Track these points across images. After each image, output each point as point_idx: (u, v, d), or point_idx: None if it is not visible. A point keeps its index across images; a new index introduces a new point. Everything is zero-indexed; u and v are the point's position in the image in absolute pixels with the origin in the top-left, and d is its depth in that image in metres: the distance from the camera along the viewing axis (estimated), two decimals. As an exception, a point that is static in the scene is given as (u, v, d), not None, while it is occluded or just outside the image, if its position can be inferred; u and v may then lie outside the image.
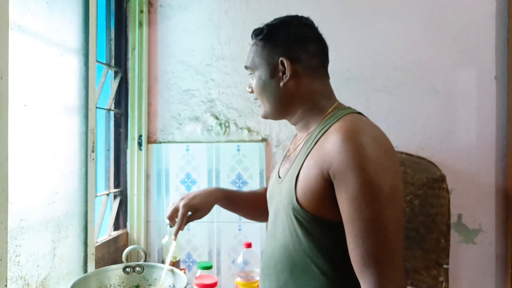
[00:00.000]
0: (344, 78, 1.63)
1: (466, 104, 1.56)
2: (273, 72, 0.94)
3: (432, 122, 1.58)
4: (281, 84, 0.93)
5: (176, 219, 1.09)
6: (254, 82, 0.98)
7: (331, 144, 0.80)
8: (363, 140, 0.77)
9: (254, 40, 0.99)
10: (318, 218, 0.82)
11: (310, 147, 0.86)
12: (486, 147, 1.55)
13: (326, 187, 0.80)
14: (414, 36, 1.59)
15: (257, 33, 0.98)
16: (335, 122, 0.85)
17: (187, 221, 1.10)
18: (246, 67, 1.01)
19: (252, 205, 1.23)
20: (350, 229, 0.76)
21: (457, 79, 1.57)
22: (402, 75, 1.60)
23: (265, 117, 1.00)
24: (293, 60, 0.92)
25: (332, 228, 0.81)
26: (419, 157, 1.57)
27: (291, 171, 0.90)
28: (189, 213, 1.10)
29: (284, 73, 0.92)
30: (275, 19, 0.98)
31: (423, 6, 1.58)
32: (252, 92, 1.01)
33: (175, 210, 1.10)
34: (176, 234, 1.11)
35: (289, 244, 0.87)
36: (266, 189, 1.27)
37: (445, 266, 1.50)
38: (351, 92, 1.62)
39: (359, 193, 0.74)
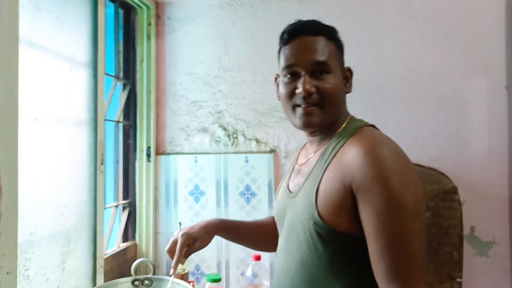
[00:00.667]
0: (353, 89, 1.62)
1: (477, 114, 1.54)
2: (342, 77, 0.92)
3: (443, 132, 1.56)
4: (348, 90, 0.94)
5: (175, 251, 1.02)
6: (330, 83, 0.86)
7: (352, 157, 0.79)
8: (385, 153, 0.77)
9: (319, 37, 0.88)
10: (340, 232, 0.80)
11: (328, 161, 0.85)
12: (498, 158, 1.52)
13: (349, 201, 0.79)
14: (423, 46, 1.58)
15: (327, 30, 0.91)
16: (352, 135, 0.85)
17: (187, 253, 1.03)
18: (322, 63, 0.86)
19: (256, 236, 1.17)
20: (374, 243, 0.75)
21: (467, 89, 1.55)
22: (411, 86, 1.59)
23: (316, 125, 0.89)
24: None
25: (354, 242, 0.80)
26: (430, 168, 1.55)
27: (307, 185, 0.87)
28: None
29: (347, 81, 0.93)
30: (322, 23, 0.93)
31: (432, 15, 1.57)
32: (314, 93, 0.86)
33: (174, 242, 1.03)
34: (175, 267, 1.02)
35: (308, 259, 0.84)
36: (273, 218, 1.18)
37: (458, 279, 1.46)
38: (360, 103, 1.60)
39: (384, 207, 0.74)
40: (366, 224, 0.76)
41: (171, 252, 1.04)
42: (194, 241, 1.04)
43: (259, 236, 1.17)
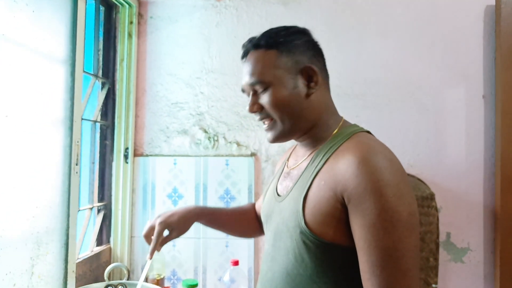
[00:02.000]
0: (335, 94, 1.60)
1: (454, 122, 1.57)
2: (296, 82, 0.85)
3: (422, 139, 1.58)
4: (310, 92, 0.85)
5: (152, 238, 1.01)
6: (269, 96, 0.85)
7: (345, 165, 0.75)
8: (381, 163, 0.73)
9: (259, 50, 0.87)
10: (327, 243, 0.77)
11: (319, 166, 0.82)
12: (475, 166, 1.55)
13: (339, 211, 0.76)
14: (404, 53, 1.60)
15: (266, 41, 0.86)
16: (345, 141, 0.82)
17: (164, 241, 1.02)
18: (253, 84, 0.86)
19: (236, 222, 1.16)
20: (366, 257, 0.72)
21: (446, 97, 1.58)
22: (392, 92, 1.60)
23: (278, 139, 0.89)
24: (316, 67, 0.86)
25: (342, 253, 0.77)
26: (408, 175, 1.57)
27: (295, 190, 0.85)
28: (167, 232, 1.03)
29: (310, 81, 0.86)
30: (275, 28, 0.90)
31: (413, 24, 1.60)
32: (258, 111, 0.88)
33: (151, 228, 1.02)
34: (151, 253, 1.00)
35: (293, 268, 0.82)
36: (253, 204, 1.23)
37: (434, 285, 1.48)
38: (341, 109, 1.59)
39: (377, 220, 0.71)
40: (358, 236, 0.73)
41: (147, 237, 1.03)
42: (171, 230, 1.02)
43: (239, 222, 1.16)
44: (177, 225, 1.02)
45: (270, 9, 1.68)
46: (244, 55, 0.90)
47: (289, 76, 0.85)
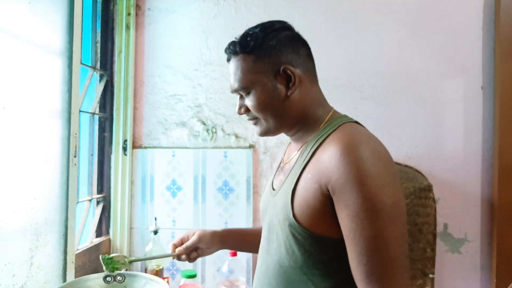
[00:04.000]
0: (333, 86, 1.63)
1: (453, 114, 1.57)
2: (275, 83, 0.86)
3: (419, 131, 1.58)
4: (289, 93, 0.86)
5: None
6: (251, 100, 0.88)
7: (329, 157, 0.76)
8: (363, 154, 0.73)
9: (238, 56, 0.89)
10: (316, 235, 0.78)
11: (306, 159, 0.82)
12: (472, 157, 1.55)
13: (325, 203, 0.76)
14: (402, 45, 1.60)
15: (241, 47, 0.88)
16: (332, 132, 0.81)
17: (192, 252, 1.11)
18: (237, 90, 0.90)
19: (251, 243, 1.16)
20: (352, 247, 0.73)
21: (444, 89, 1.58)
22: (390, 84, 1.60)
23: (266, 134, 0.92)
24: (293, 66, 0.86)
25: (331, 245, 0.78)
26: (406, 166, 1.57)
27: (286, 184, 0.86)
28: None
29: (289, 81, 0.86)
30: (251, 28, 0.89)
31: (411, 15, 1.59)
32: (245, 113, 0.92)
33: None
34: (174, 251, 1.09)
35: (285, 261, 0.83)
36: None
37: (430, 275, 1.49)
38: (340, 100, 1.61)
39: (360, 209, 0.71)
40: (344, 226, 0.74)
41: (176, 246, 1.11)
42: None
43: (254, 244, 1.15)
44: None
45: (269, 0, 1.67)
46: (228, 59, 0.92)
47: (267, 80, 0.86)
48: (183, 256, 1.08)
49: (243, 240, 1.16)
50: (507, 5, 1.50)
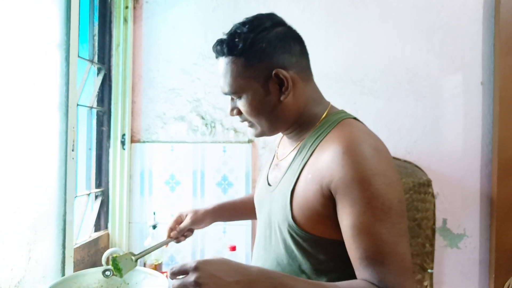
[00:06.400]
0: (332, 81, 1.62)
1: (452, 109, 1.57)
2: (267, 88, 0.82)
3: (419, 126, 1.58)
4: (282, 98, 0.82)
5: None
6: (243, 105, 0.84)
7: (330, 156, 0.74)
8: (367, 152, 0.72)
9: (226, 58, 0.83)
10: (315, 237, 0.77)
11: (306, 158, 0.80)
12: (472, 152, 1.55)
13: (325, 205, 0.75)
14: (402, 40, 1.59)
15: (229, 49, 0.82)
16: (331, 130, 0.80)
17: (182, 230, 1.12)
18: (227, 94, 0.86)
19: (241, 214, 1.23)
20: (356, 245, 0.71)
21: (444, 84, 1.57)
22: (390, 79, 1.60)
23: (261, 136, 0.90)
24: (286, 68, 0.82)
25: (331, 247, 0.77)
26: (405, 161, 1.57)
27: (284, 182, 0.84)
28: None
29: (281, 85, 0.82)
30: (239, 26, 0.83)
31: (411, 9, 1.58)
32: (237, 115, 0.89)
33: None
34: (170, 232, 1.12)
35: (283, 259, 0.82)
36: (253, 195, 1.23)
37: (429, 270, 1.49)
38: (339, 95, 1.61)
39: (367, 208, 0.69)
40: (346, 225, 0.72)
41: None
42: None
43: (244, 214, 1.22)
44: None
45: (268, -6, 1.66)
46: (216, 57, 0.87)
47: (258, 85, 0.82)
48: (181, 238, 1.12)
49: (234, 213, 1.20)
50: (507, 0, 1.50)
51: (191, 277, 0.65)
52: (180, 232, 1.11)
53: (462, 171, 1.56)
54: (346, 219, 0.72)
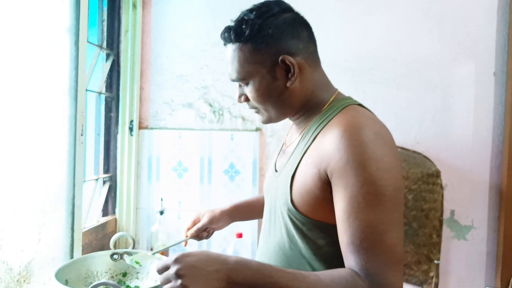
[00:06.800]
0: (342, 69, 1.60)
1: (463, 100, 1.55)
2: (274, 74, 0.83)
3: (429, 116, 1.56)
4: (288, 84, 0.82)
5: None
6: (250, 91, 0.85)
7: (329, 140, 0.74)
8: (365, 136, 0.71)
9: (234, 45, 0.84)
10: (313, 221, 0.77)
11: (308, 143, 0.81)
12: (482, 143, 1.53)
13: (322, 189, 0.75)
14: (414, 28, 1.56)
15: (237, 35, 0.83)
16: (335, 116, 0.80)
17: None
18: (235, 80, 0.87)
19: (257, 213, 1.21)
20: (345, 229, 0.70)
21: (455, 74, 1.55)
22: (400, 68, 1.57)
23: (269, 122, 0.91)
24: (293, 54, 0.82)
25: (329, 232, 0.76)
26: (414, 152, 1.55)
27: (286, 167, 0.85)
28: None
29: (288, 71, 0.82)
30: (247, 13, 0.83)
31: (424, -2, 1.55)
32: (245, 101, 0.89)
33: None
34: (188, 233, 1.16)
35: (285, 243, 0.83)
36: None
37: (436, 261, 1.49)
38: (348, 84, 1.59)
39: (359, 192, 0.69)
40: (338, 209, 0.72)
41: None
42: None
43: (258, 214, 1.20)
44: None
45: (278, -20, 1.63)
46: (224, 44, 0.88)
47: (265, 71, 0.83)
48: (202, 234, 1.15)
49: (250, 212, 1.20)
50: (523, -12, 1.46)
51: (172, 270, 0.67)
52: (198, 231, 1.14)
53: (472, 162, 1.54)
54: (338, 202, 0.72)
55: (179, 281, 0.66)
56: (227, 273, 0.68)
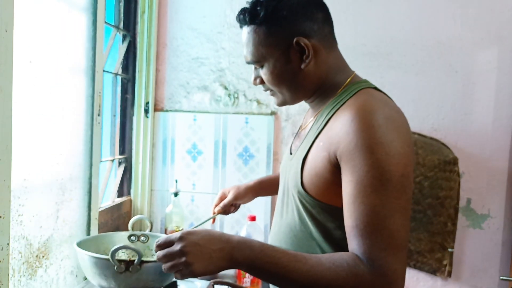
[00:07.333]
0: (360, 53, 1.57)
1: (484, 86, 1.51)
2: (289, 56, 0.83)
3: (448, 103, 1.53)
4: (303, 66, 0.82)
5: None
6: (265, 74, 0.86)
7: (340, 124, 0.74)
8: (375, 120, 0.71)
9: (249, 27, 0.85)
10: (323, 204, 0.78)
11: (321, 127, 0.81)
12: (502, 131, 1.50)
13: (332, 172, 0.75)
14: (435, 11, 1.52)
15: (251, 17, 0.83)
16: (348, 99, 0.79)
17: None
18: (250, 62, 0.88)
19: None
20: (350, 213, 0.70)
21: (477, 59, 1.51)
22: (420, 53, 1.54)
23: (284, 105, 0.92)
24: (308, 36, 0.81)
25: (338, 215, 0.76)
26: (431, 139, 1.53)
27: (299, 150, 0.85)
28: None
29: (302, 53, 0.82)
30: (247, 7, 0.85)
31: (448, -20, 1.51)
32: (260, 84, 0.90)
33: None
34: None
35: (295, 225, 0.84)
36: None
37: (450, 249, 1.48)
38: (366, 68, 1.54)
39: (365, 176, 0.69)
40: (345, 192, 0.72)
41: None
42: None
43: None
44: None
45: (296, -39, 1.60)
46: (240, 26, 0.89)
47: (280, 53, 0.83)
48: (230, 208, 1.21)
49: (273, 187, 1.21)
50: (552, -30, 1.40)
51: (177, 247, 0.69)
52: (224, 207, 1.18)
53: (490, 150, 1.51)
54: (346, 186, 0.72)
55: (183, 258, 0.68)
56: (230, 252, 0.70)
